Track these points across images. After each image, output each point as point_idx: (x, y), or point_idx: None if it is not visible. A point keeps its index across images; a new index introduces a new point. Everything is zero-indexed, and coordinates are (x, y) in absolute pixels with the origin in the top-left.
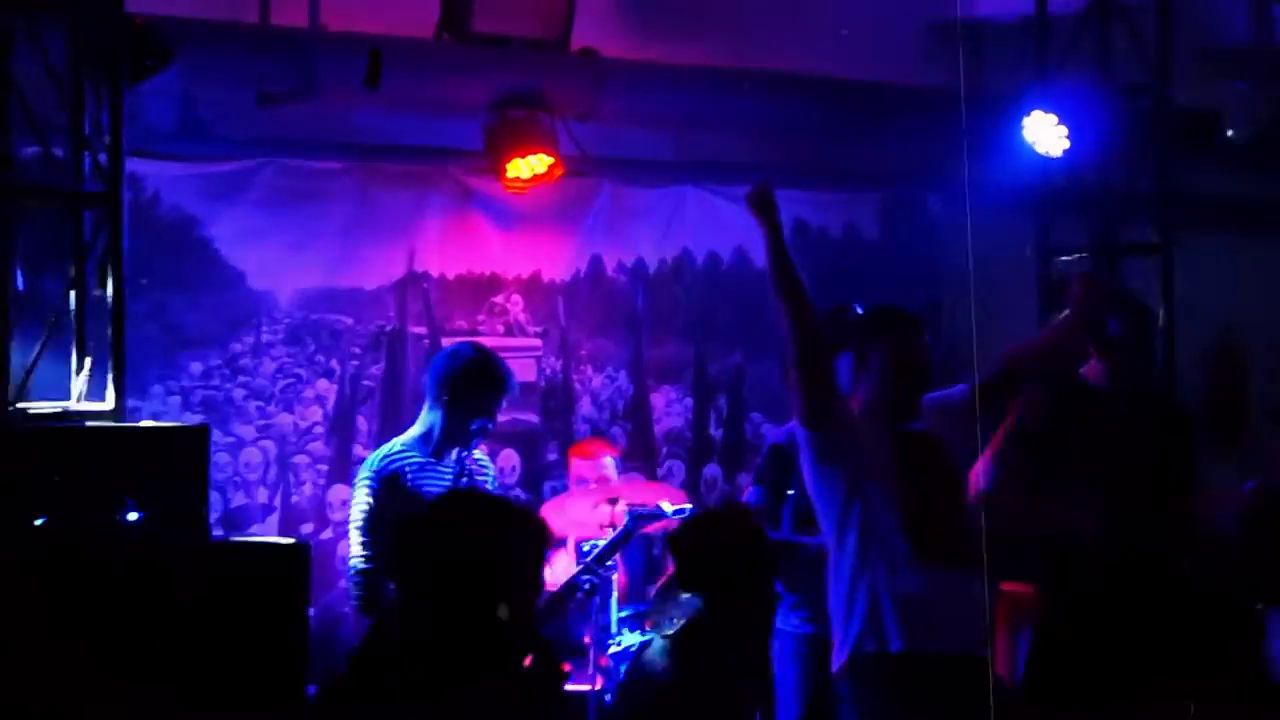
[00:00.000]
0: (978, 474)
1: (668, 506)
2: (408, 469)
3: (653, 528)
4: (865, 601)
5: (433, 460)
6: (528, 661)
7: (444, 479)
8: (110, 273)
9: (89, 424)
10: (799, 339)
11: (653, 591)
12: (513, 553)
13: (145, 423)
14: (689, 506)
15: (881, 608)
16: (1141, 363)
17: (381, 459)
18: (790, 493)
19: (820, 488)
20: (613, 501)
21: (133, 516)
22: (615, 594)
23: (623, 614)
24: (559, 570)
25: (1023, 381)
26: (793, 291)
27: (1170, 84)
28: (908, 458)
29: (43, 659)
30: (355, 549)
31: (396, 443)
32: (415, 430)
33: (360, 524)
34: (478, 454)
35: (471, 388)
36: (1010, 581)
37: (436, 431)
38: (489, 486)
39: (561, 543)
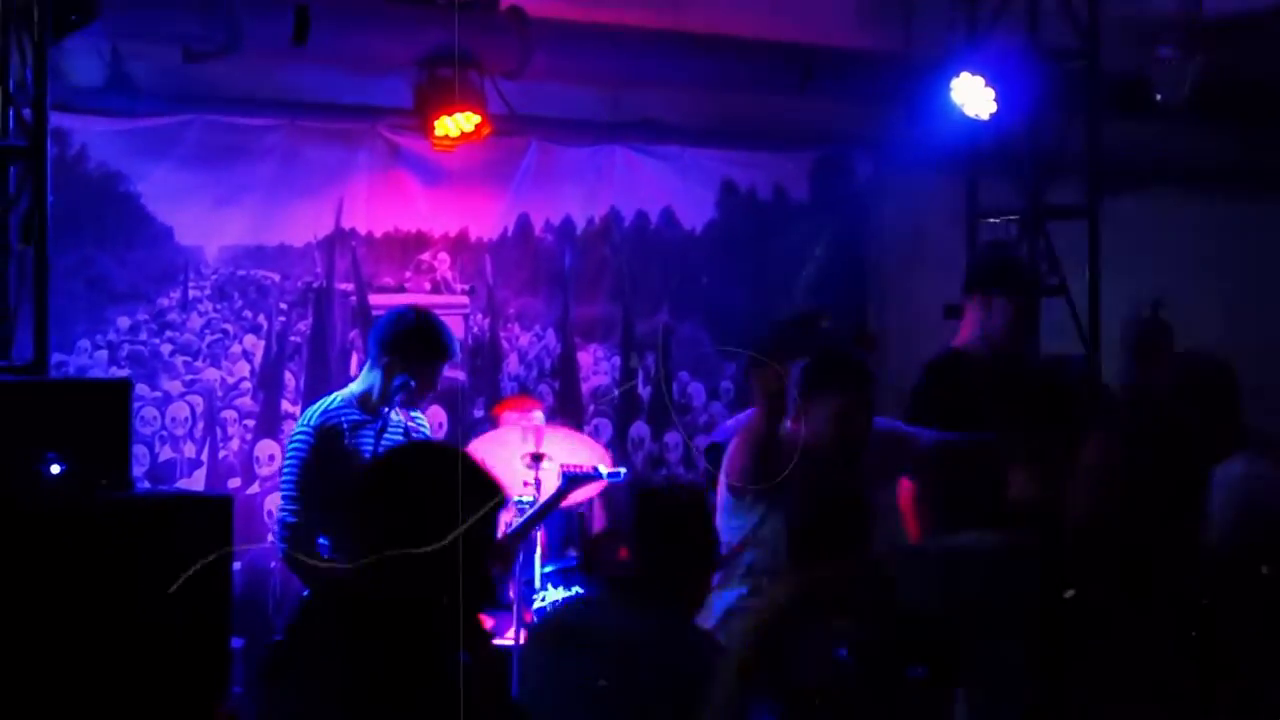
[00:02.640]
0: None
1: (603, 469)
2: (345, 425)
3: (580, 494)
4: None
5: (369, 419)
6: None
7: (380, 438)
8: (34, 227)
9: (9, 378)
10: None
11: None
12: (470, 505)
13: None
14: (623, 470)
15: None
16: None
17: (320, 413)
18: None
19: (730, 506)
20: (536, 458)
21: (55, 469)
22: (539, 550)
23: (546, 569)
24: None
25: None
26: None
27: (1098, 47)
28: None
29: None
30: (284, 501)
31: (336, 397)
32: (354, 388)
33: (291, 476)
34: (415, 413)
35: (412, 352)
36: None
37: (375, 392)
38: None
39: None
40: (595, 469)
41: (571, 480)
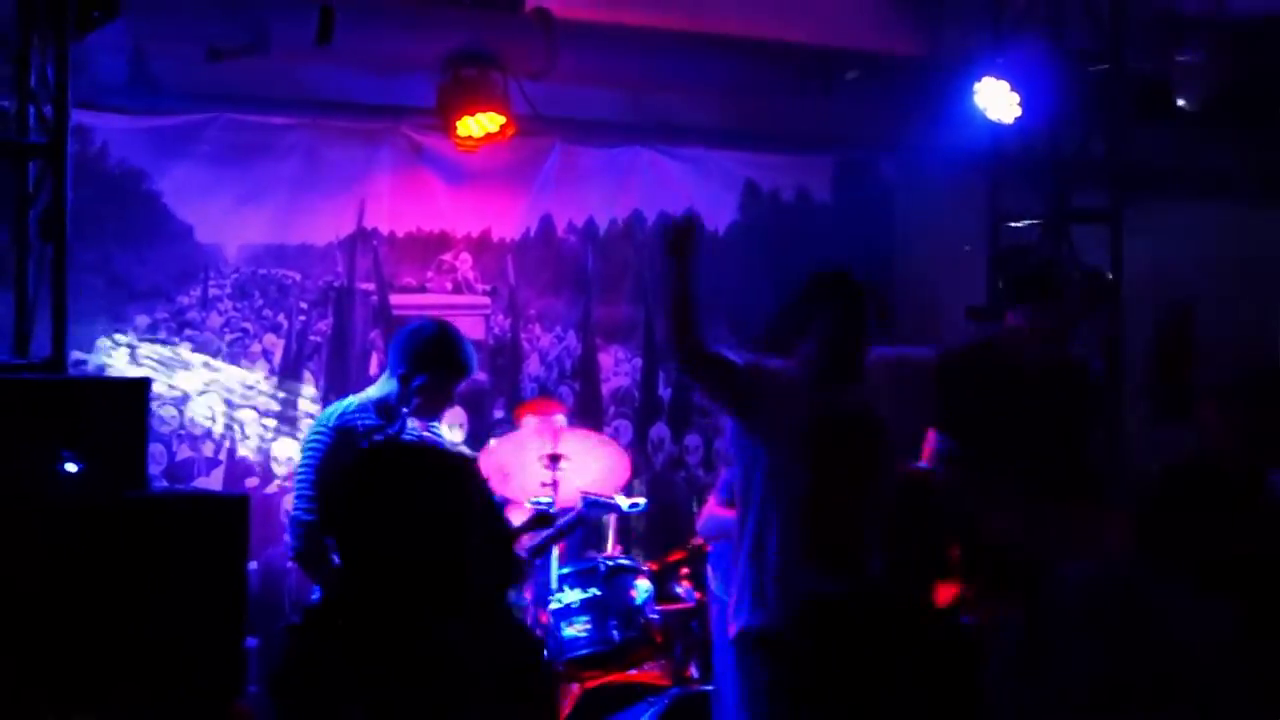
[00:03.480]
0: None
1: (623, 501)
2: (360, 429)
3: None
4: (752, 586)
5: (385, 424)
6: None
7: None
8: (54, 225)
9: (27, 375)
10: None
11: None
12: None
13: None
14: (643, 501)
15: (767, 594)
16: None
17: (338, 415)
18: None
19: (737, 457)
20: (555, 459)
21: (71, 468)
22: (555, 552)
23: (563, 571)
24: None
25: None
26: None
27: (1124, 51)
28: (831, 442)
29: None
30: (299, 500)
31: (353, 400)
32: (371, 393)
33: (307, 475)
34: (434, 424)
35: (431, 365)
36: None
37: (392, 400)
38: None
39: (508, 501)
40: (614, 500)
41: (591, 505)
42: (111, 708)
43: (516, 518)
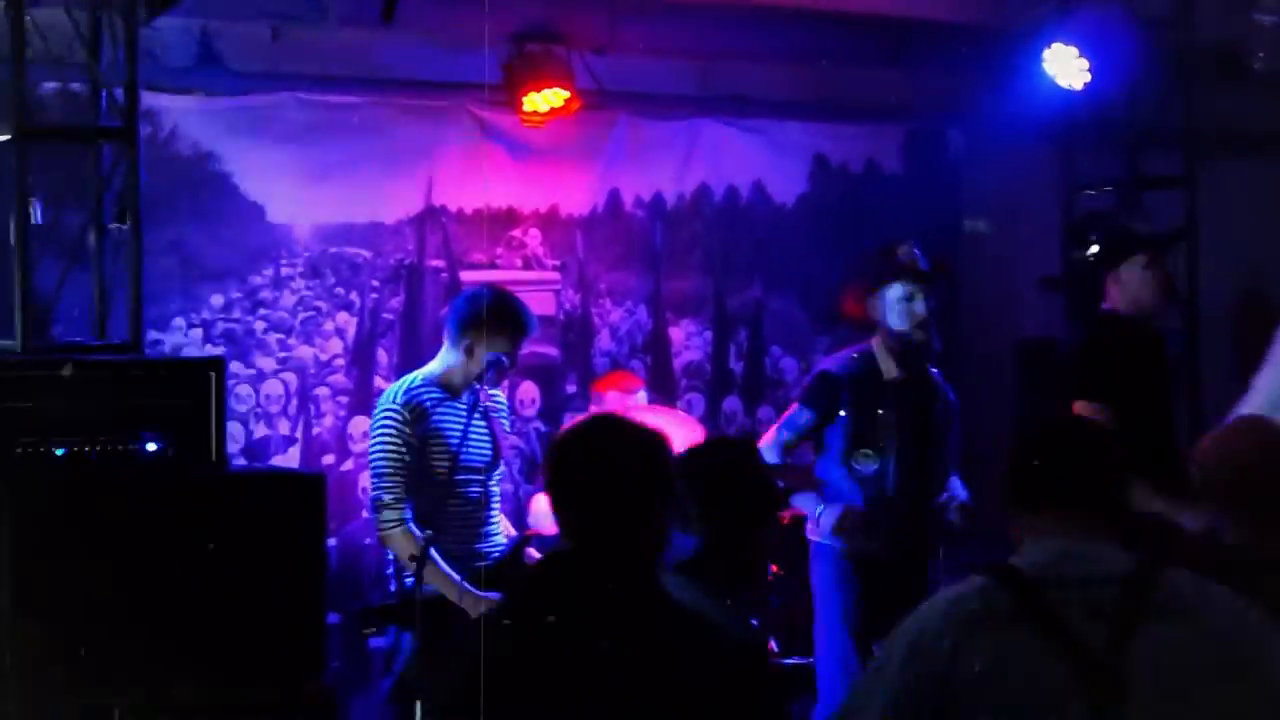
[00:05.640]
0: None
1: None
2: (428, 403)
3: None
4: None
5: (449, 398)
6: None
7: (460, 415)
8: (128, 208)
9: (106, 357)
10: None
11: None
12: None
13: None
14: None
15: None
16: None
17: (404, 391)
18: (841, 414)
19: None
20: None
21: (151, 447)
22: None
23: None
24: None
25: None
26: None
27: (1194, 15)
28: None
29: (64, 588)
30: (375, 479)
31: (416, 376)
32: (434, 367)
33: (382, 453)
34: (493, 391)
35: (491, 331)
36: None
37: (455, 371)
38: (503, 423)
39: None
40: None
41: None
42: (194, 685)
43: None
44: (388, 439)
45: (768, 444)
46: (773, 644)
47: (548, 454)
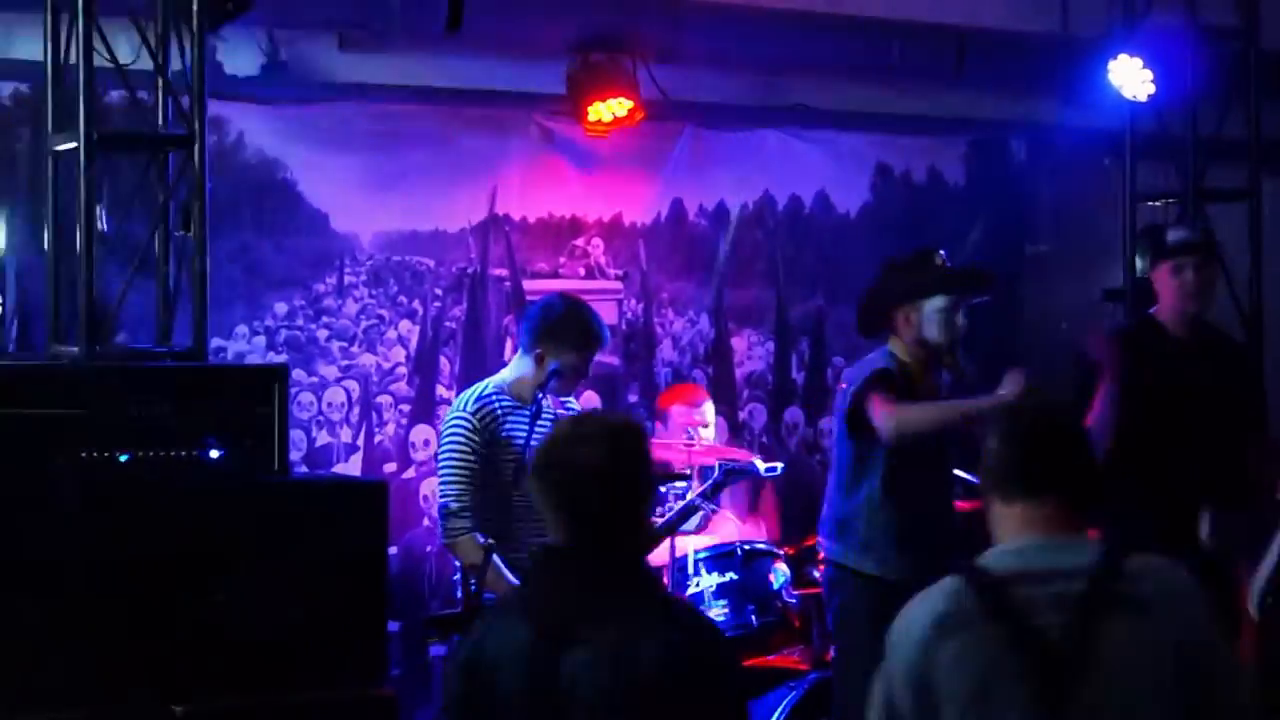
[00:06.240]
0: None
1: (760, 464)
2: (499, 411)
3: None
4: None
5: (519, 406)
6: None
7: (534, 425)
8: (193, 215)
9: (170, 364)
10: None
11: None
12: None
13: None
14: (780, 465)
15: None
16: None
17: (475, 398)
18: None
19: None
20: (689, 437)
21: (214, 454)
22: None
23: (699, 555)
24: None
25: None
26: None
27: (1259, 27)
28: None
29: (126, 592)
30: (444, 485)
31: (488, 384)
32: (505, 375)
33: (451, 461)
34: (569, 401)
35: (564, 341)
36: None
37: (526, 380)
38: None
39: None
40: (752, 463)
41: (728, 473)
42: (256, 691)
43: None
44: (457, 446)
45: None
46: None
47: (533, 458)
